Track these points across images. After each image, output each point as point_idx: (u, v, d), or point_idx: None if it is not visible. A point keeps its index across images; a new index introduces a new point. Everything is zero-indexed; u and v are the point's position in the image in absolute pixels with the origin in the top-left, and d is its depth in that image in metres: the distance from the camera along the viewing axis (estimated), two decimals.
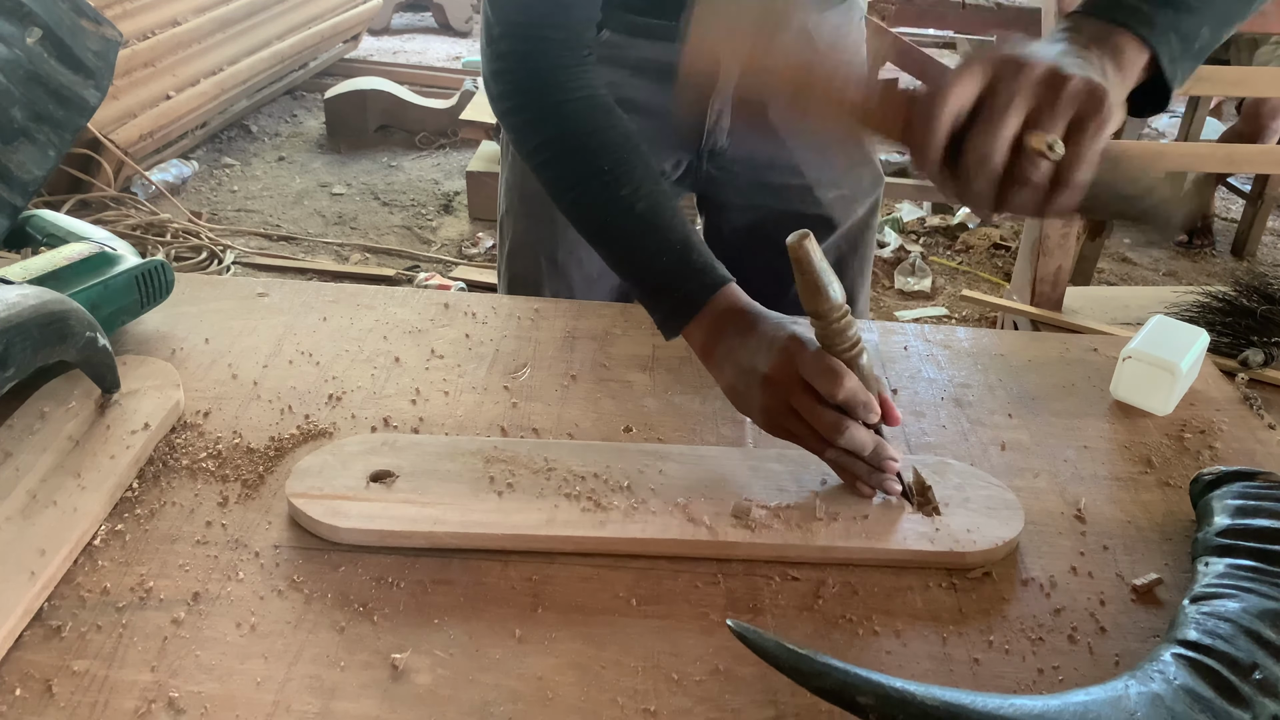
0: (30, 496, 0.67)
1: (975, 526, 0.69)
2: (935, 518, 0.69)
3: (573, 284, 1.06)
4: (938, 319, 2.83)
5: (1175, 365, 0.83)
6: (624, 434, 0.80)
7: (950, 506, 0.70)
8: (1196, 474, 0.72)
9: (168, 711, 0.54)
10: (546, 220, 1.02)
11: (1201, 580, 0.61)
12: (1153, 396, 0.86)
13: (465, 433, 0.79)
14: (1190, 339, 0.87)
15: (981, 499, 0.71)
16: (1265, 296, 1.00)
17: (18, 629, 0.58)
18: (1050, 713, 0.51)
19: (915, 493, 0.71)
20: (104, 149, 2.92)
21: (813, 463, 0.73)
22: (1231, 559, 0.62)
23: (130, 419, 0.75)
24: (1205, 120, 3.38)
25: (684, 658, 0.60)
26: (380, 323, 0.93)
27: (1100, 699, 0.52)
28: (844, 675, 0.51)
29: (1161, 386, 0.85)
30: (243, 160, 3.54)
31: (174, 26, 3.37)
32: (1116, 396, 0.87)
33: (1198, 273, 3.14)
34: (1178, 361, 0.84)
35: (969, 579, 0.66)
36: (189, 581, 0.63)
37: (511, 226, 1.08)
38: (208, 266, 2.81)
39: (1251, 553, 0.62)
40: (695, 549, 0.67)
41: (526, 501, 0.68)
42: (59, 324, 0.70)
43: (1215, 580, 0.60)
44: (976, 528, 0.68)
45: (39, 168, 0.96)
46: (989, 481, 0.73)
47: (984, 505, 0.71)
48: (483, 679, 0.58)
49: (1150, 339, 0.87)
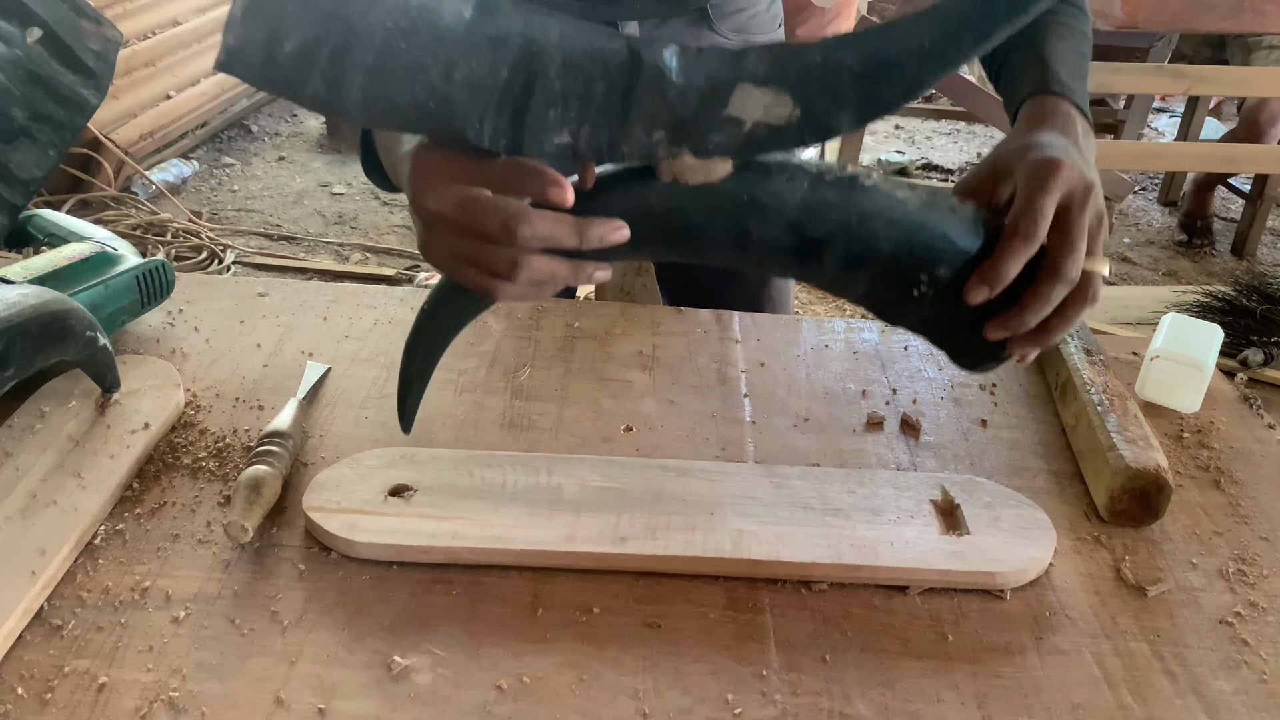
0: (30, 496, 0.67)
1: (1006, 547, 0.67)
2: (964, 536, 0.68)
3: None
4: None
5: (1203, 363, 0.84)
6: (624, 433, 0.80)
7: (979, 526, 0.68)
8: None
9: (168, 711, 0.54)
10: None
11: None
12: (1181, 395, 0.86)
13: (465, 432, 0.79)
14: (1208, 335, 0.87)
15: (1011, 518, 0.69)
16: (1265, 296, 1.01)
17: (18, 628, 0.58)
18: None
19: (944, 512, 0.70)
20: (104, 149, 2.92)
21: (837, 479, 0.72)
22: None
23: (130, 418, 0.75)
24: (1205, 120, 3.38)
25: (684, 658, 0.60)
26: (381, 322, 0.93)
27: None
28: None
29: (1190, 384, 0.85)
30: (243, 160, 3.54)
31: (174, 26, 3.37)
32: (1144, 396, 0.87)
33: (1198, 272, 3.14)
34: (1205, 359, 0.84)
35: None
36: (189, 581, 0.63)
37: None
38: (208, 266, 2.81)
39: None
40: (717, 568, 0.65)
41: (545, 517, 0.67)
42: (59, 324, 0.70)
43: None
44: (1007, 548, 0.67)
45: (39, 167, 0.96)
46: (1020, 501, 0.71)
47: (1015, 525, 0.69)
48: (483, 679, 0.58)
49: (1173, 337, 0.87)
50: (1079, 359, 0.85)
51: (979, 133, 4.17)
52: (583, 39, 0.53)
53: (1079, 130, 0.67)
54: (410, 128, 0.53)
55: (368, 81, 0.50)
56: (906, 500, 0.70)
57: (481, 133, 0.53)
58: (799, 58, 0.55)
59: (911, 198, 0.59)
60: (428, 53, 0.50)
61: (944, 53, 0.54)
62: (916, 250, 0.58)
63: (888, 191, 0.58)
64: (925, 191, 0.59)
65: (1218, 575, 0.69)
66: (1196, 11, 1.90)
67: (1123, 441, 0.73)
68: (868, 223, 0.58)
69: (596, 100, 0.53)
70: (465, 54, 0.51)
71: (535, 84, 0.52)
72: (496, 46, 0.51)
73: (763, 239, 0.58)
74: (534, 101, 0.53)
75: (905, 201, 0.58)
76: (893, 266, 0.59)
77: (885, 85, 0.54)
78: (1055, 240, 0.59)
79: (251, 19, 0.47)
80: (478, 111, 0.52)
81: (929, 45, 0.53)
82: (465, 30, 0.50)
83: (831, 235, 0.58)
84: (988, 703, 0.58)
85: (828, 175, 0.58)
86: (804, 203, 0.57)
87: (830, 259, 0.59)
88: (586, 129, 0.54)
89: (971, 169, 0.67)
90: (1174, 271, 3.14)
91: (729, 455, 0.78)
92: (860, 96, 0.55)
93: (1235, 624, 0.64)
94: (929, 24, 0.54)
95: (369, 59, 0.49)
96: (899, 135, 4.16)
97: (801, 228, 0.58)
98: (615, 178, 0.58)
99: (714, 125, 0.55)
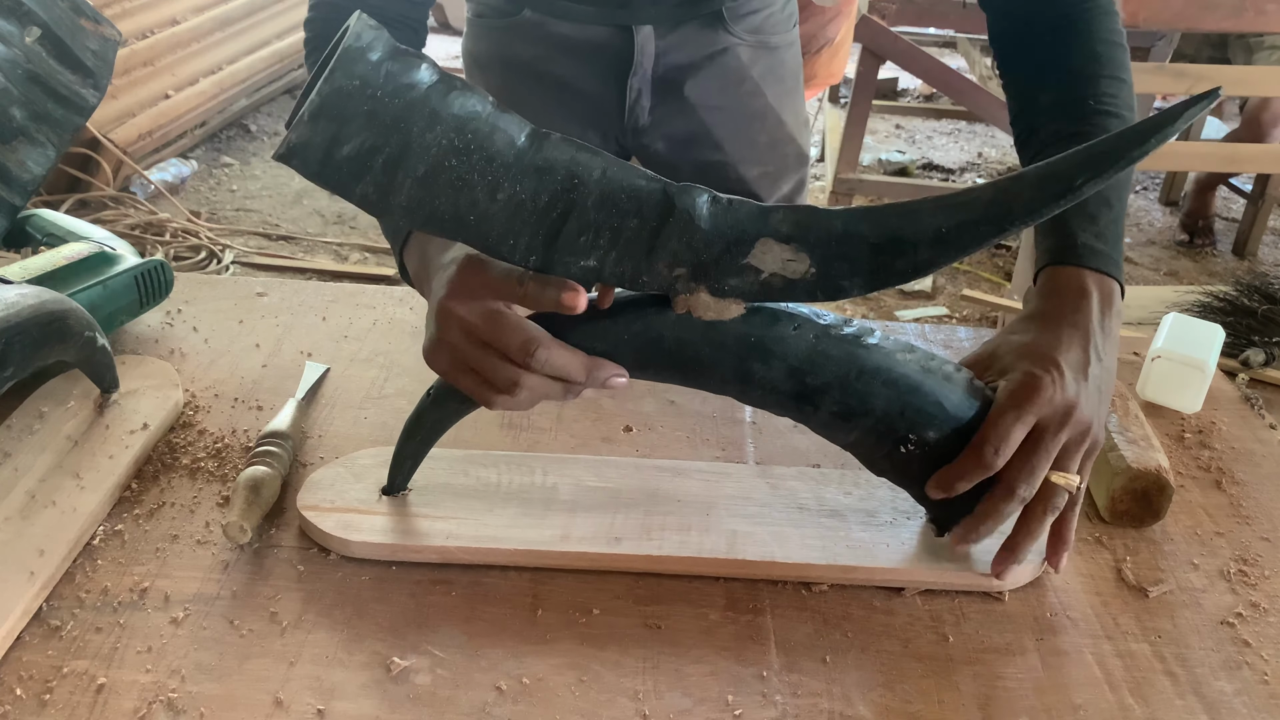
0: (29, 496, 0.66)
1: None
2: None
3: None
4: (938, 319, 2.83)
5: (1205, 363, 0.84)
6: (623, 434, 0.80)
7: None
8: None
9: (167, 712, 0.54)
10: None
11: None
12: (1182, 395, 0.86)
13: (464, 432, 0.79)
14: (1210, 335, 0.87)
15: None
16: (1266, 296, 1.00)
17: (17, 629, 0.58)
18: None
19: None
20: (103, 148, 2.92)
21: (833, 480, 0.72)
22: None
23: (129, 419, 0.75)
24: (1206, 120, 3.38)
25: (684, 658, 0.60)
26: (380, 322, 0.93)
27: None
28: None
29: (1191, 384, 0.85)
30: (242, 159, 3.53)
31: (173, 26, 3.37)
32: (1145, 397, 0.87)
33: (1199, 272, 3.14)
34: (1206, 359, 0.84)
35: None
36: (188, 582, 0.63)
37: None
38: (207, 266, 2.80)
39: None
40: (712, 568, 0.65)
41: (540, 517, 0.68)
42: (58, 324, 0.70)
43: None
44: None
45: (38, 167, 0.96)
46: None
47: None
48: (483, 679, 0.57)
49: (1174, 338, 0.86)
50: None
51: (979, 132, 4.16)
52: (623, 176, 0.56)
53: (1093, 312, 0.64)
54: (448, 235, 0.56)
55: (416, 190, 0.53)
56: (903, 502, 0.70)
57: (515, 249, 0.56)
58: (822, 223, 0.57)
59: (911, 360, 0.62)
60: (476, 172, 0.53)
61: (958, 240, 0.56)
62: (909, 412, 0.61)
63: (889, 351, 0.61)
64: (925, 356, 0.62)
65: (1219, 576, 0.68)
66: (1198, 11, 1.90)
67: (1124, 442, 0.73)
68: (865, 379, 0.61)
69: (627, 234, 0.57)
70: (512, 178, 0.54)
71: (572, 212, 0.55)
72: (542, 174, 0.54)
73: (764, 379, 0.61)
74: (568, 228, 0.56)
75: (904, 364, 0.61)
76: (884, 423, 0.62)
77: (898, 260, 0.57)
78: (1017, 459, 0.61)
79: (317, 122, 0.50)
80: (515, 230, 0.55)
81: (945, 232, 0.56)
82: (514, 157, 0.54)
83: (829, 386, 0.61)
84: (988, 704, 0.58)
85: (834, 330, 0.61)
86: (807, 352, 0.60)
87: (825, 407, 0.62)
88: (613, 257, 0.57)
89: (973, 351, 0.68)
90: (1175, 271, 3.14)
91: (729, 456, 0.78)
92: (873, 267, 0.58)
93: (1237, 625, 0.64)
94: (947, 213, 0.56)
95: (420, 170, 0.53)
96: (899, 135, 4.16)
97: (802, 375, 0.61)
98: (631, 302, 0.61)
99: (733, 270, 0.58)
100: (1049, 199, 0.54)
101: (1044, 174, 0.55)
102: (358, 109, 0.50)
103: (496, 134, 0.53)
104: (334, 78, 0.49)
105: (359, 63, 0.50)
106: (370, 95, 0.50)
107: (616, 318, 0.61)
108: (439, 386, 0.66)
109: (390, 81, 0.50)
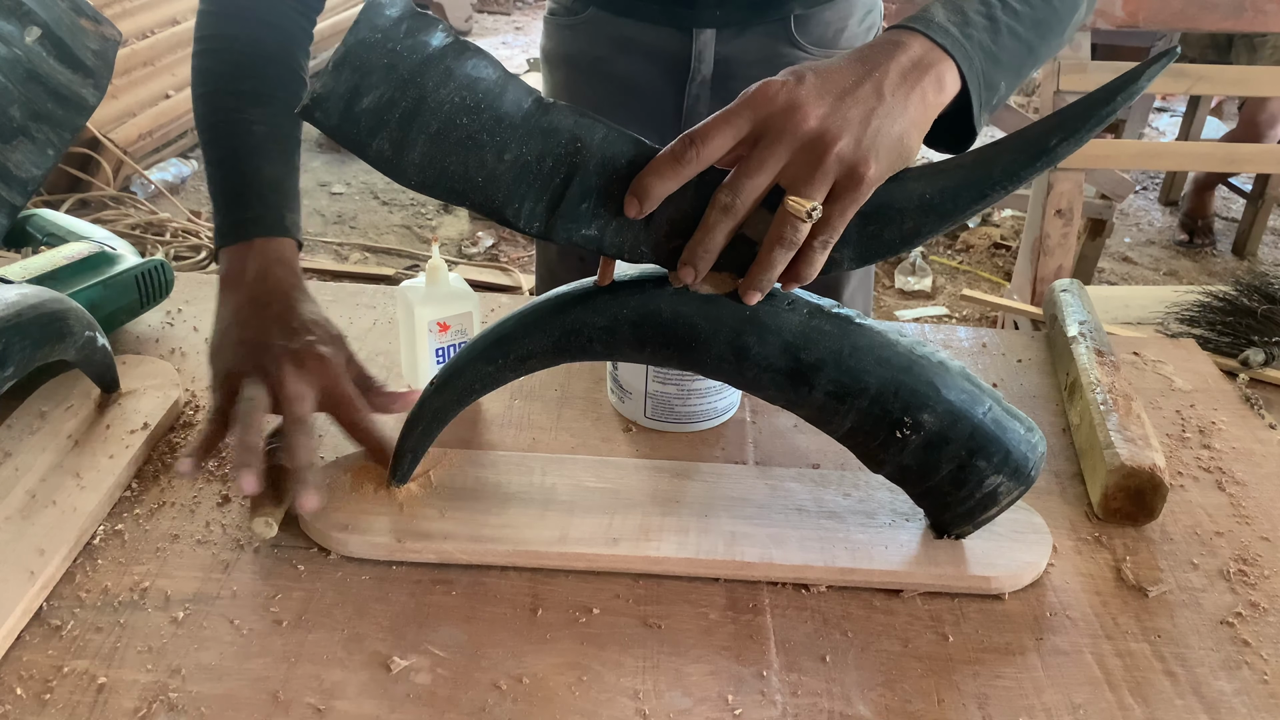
0: (30, 496, 0.66)
1: (1000, 551, 0.66)
2: (958, 540, 0.67)
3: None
4: (938, 318, 2.83)
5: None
6: (623, 434, 0.80)
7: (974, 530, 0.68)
8: None
9: (167, 712, 0.54)
10: None
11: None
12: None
13: (464, 432, 0.79)
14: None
15: (1007, 522, 0.68)
16: (1266, 296, 1.00)
17: (17, 628, 0.58)
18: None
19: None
20: (103, 148, 2.92)
21: (833, 482, 0.72)
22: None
23: (130, 418, 0.75)
24: (1206, 120, 3.38)
25: (684, 658, 0.60)
26: (380, 322, 0.93)
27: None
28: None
29: None
30: None
31: (173, 25, 3.37)
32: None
33: (1198, 272, 3.14)
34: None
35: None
36: (189, 581, 0.63)
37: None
38: (207, 266, 2.81)
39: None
40: (710, 570, 0.65)
41: (538, 518, 0.68)
42: (58, 323, 0.70)
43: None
44: (1001, 553, 0.66)
45: (38, 167, 0.96)
46: (1016, 505, 0.69)
47: (1010, 529, 0.68)
48: (483, 679, 0.57)
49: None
50: (1089, 359, 0.85)
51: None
52: (624, 143, 0.58)
53: (898, 59, 0.57)
54: (456, 198, 0.57)
55: (428, 147, 0.55)
56: (902, 504, 0.70)
57: (519, 213, 0.58)
58: None
59: (903, 342, 0.63)
60: (485, 131, 0.55)
61: (942, 205, 0.58)
62: (903, 392, 0.62)
63: (880, 331, 0.63)
64: (916, 341, 0.63)
65: (1219, 575, 0.68)
66: (1198, 10, 1.90)
67: (1120, 440, 0.73)
68: (859, 356, 0.61)
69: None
70: (519, 139, 0.56)
71: (575, 176, 0.57)
72: (547, 136, 0.56)
73: (759, 356, 0.62)
74: (570, 193, 0.57)
75: (896, 344, 0.62)
76: (879, 403, 0.62)
77: (886, 229, 0.59)
78: (733, 167, 0.57)
79: (340, 72, 0.53)
80: (520, 193, 0.57)
81: (929, 198, 0.58)
82: (522, 119, 0.56)
83: (823, 362, 0.61)
84: (988, 703, 0.58)
85: (826, 308, 0.63)
86: (801, 328, 0.61)
87: (820, 386, 0.62)
88: (613, 227, 0.59)
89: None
90: (1175, 271, 3.14)
91: (729, 456, 0.78)
92: (863, 237, 0.59)
93: (1236, 624, 0.64)
94: (930, 179, 0.59)
95: (433, 127, 0.55)
96: None
97: (796, 351, 0.61)
98: (631, 280, 0.63)
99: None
100: (1026, 161, 0.58)
101: (1021, 139, 0.58)
102: (378, 61, 0.53)
103: (505, 96, 0.56)
104: (358, 29, 0.53)
105: (380, 17, 0.53)
106: (390, 49, 0.53)
107: (616, 294, 0.63)
108: (440, 374, 0.66)
109: (409, 37, 0.53)
